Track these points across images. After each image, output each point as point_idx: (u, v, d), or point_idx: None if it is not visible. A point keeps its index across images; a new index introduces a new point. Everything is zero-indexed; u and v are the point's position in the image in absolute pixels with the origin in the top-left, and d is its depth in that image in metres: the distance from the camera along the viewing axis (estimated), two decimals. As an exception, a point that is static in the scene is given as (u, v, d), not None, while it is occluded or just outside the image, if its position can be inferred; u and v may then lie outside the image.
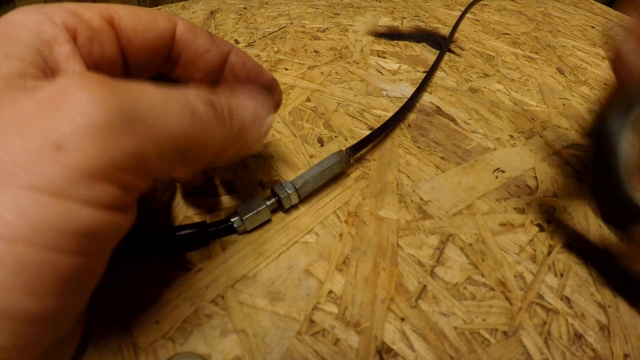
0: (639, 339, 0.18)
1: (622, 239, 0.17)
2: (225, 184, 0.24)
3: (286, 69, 0.34)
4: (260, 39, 0.40)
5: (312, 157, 0.26)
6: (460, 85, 0.35)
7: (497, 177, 0.25)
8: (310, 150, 0.26)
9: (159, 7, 0.49)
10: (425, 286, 0.19)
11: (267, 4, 0.49)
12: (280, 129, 0.28)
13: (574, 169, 0.26)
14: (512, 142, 0.29)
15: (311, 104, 0.31)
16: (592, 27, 0.53)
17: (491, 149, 0.28)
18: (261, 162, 0.25)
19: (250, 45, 0.38)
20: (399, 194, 0.24)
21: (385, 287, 0.19)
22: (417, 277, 0.20)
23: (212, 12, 0.46)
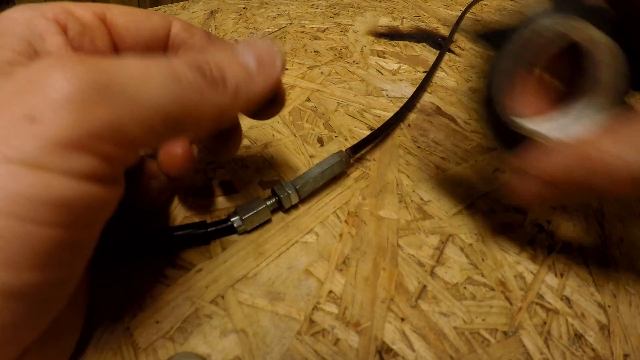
0: (639, 339, 0.18)
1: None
2: (225, 184, 0.24)
3: (286, 69, 0.34)
4: (260, 39, 0.40)
5: (312, 157, 0.26)
6: (460, 85, 0.35)
7: (497, 177, 0.25)
8: (310, 150, 0.26)
9: (159, 7, 0.49)
10: (425, 286, 0.19)
11: (267, 4, 0.50)
12: (280, 129, 0.28)
13: (574, 169, 0.26)
14: (512, 142, 0.29)
15: (311, 104, 0.31)
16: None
17: (491, 149, 0.28)
18: (261, 162, 0.25)
19: (250, 45, 0.38)
20: (399, 194, 0.24)
21: (385, 287, 0.19)
22: (417, 277, 0.20)
23: (212, 12, 0.46)
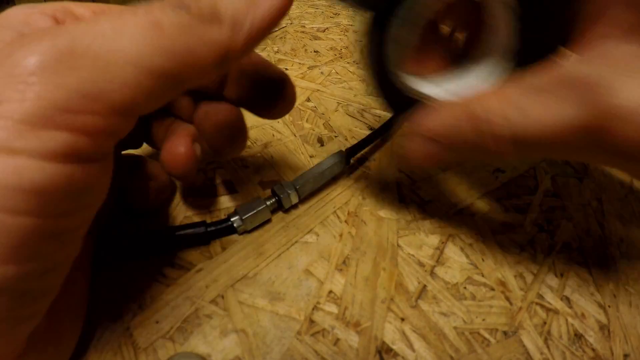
0: (639, 339, 0.18)
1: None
2: (225, 184, 0.24)
3: (286, 69, 0.34)
4: None
5: (312, 157, 0.26)
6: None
7: (497, 177, 0.25)
8: (310, 150, 0.26)
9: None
10: (425, 286, 0.19)
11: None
12: (280, 129, 0.28)
13: (574, 169, 0.26)
14: (512, 142, 0.29)
15: (311, 104, 0.31)
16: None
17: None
18: (261, 162, 0.25)
19: (250, 45, 0.38)
20: (399, 194, 0.24)
21: (385, 287, 0.19)
22: (417, 277, 0.20)
23: (212, 12, 0.46)
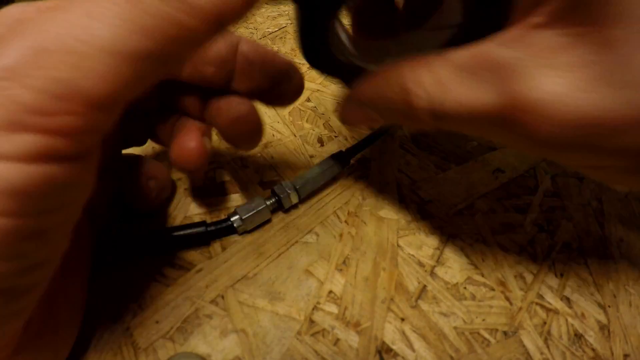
0: (639, 339, 0.18)
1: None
2: (225, 184, 0.24)
3: (286, 69, 0.34)
4: (260, 39, 0.40)
5: (312, 157, 0.26)
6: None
7: (497, 177, 0.25)
8: (310, 150, 0.26)
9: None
10: (425, 286, 0.19)
11: (267, 3, 0.50)
12: (280, 129, 0.28)
13: (574, 169, 0.26)
14: (512, 142, 0.29)
15: (311, 104, 0.31)
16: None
17: (491, 149, 0.28)
18: (261, 162, 0.25)
19: (250, 45, 0.38)
20: (399, 194, 0.24)
21: (385, 287, 0.19)
22: (417, 277, 0.20)
23: (212, 12, 0.46)
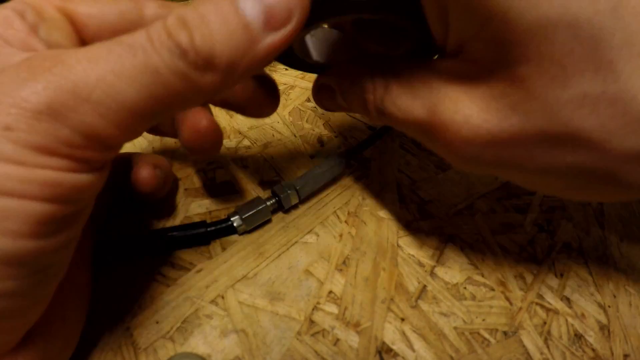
0: (639, 339, 0.18)
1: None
2: (225, 184, 0.24)
3: (286, 69, 0.34)
4: None
5: (312, 157, 0.26)
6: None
7: (497, 177, 0.25)
8: (310, 150, 0.26)
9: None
10: (425, 286, 0.19)
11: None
12: (280, 129, 0.28)
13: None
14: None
15: (311, 104, 0.31)
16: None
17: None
18: (261, 162, 0.25)
19: (250, 45, 0.38)
20: (399, 194, 0.24)
21: (385, 287, 0.19)
22: (417, 277, 0.20)
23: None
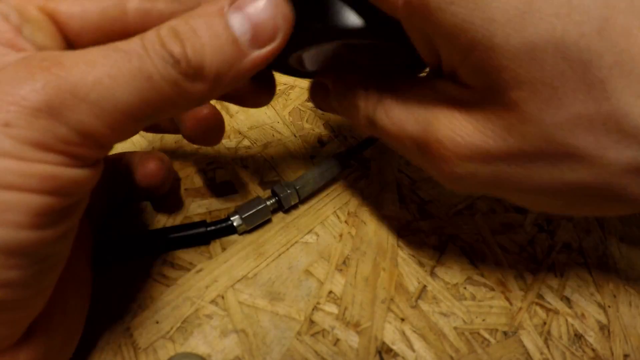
0: (639, 339, 0.18)
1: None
2: (225, 184, 0.24)
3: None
4: None
5: (312, 157, 0.26)
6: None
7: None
8: (310, 150, 0.26)
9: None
10: (425, 286, 0.19)
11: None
12: (280, 129, 0.28)
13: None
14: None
15: (311, 104, 0.31)
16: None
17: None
18: (261, 162, 0.25)
19: (250, 45, 0.38)
20: (399, 194, 0.24)
21: (385, 287, 0.19)
22: (417, 277, 0.20)
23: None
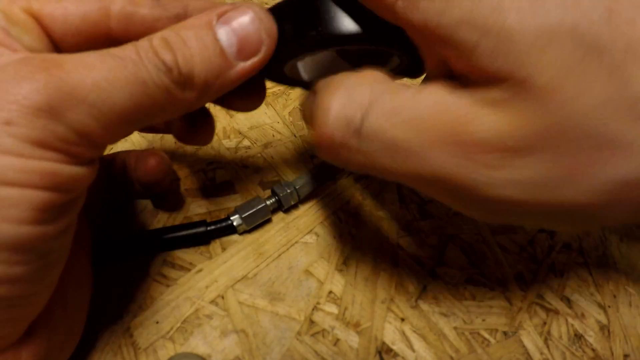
0: (639, 339, 0.18)
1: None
2: (225, 184, 0.24)
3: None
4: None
5: (312, 157, 0.26)
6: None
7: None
8: (310, 150, 0.26)
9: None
10: (425, 286, 0.19)
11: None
12: (280, 129, 0.28)
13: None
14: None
15: (311, 104, 0.31)
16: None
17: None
18: (261, 162, 0.25)
19: (250, 45, 0.38)
20: (399, 194, 0.24)
21: (385, 287, 0.19)
22: (417, 277, 0.20)
23: (212, 12, 0.46)
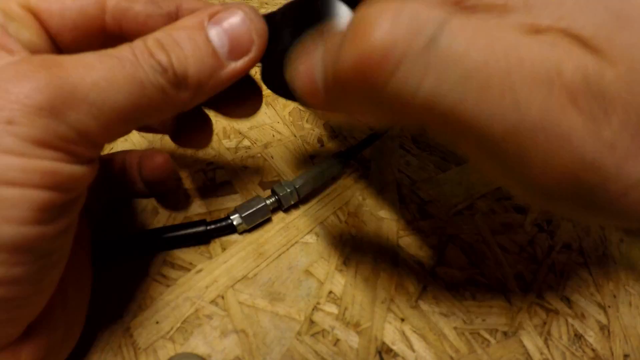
0: (639, 339, 0.18)
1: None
2: (225, 184, 0.24)
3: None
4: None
5: (312, 157, 0.26)
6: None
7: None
8: (310, 150, 0.26)
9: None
10: (425, 286, 0.19)
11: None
12: (280, 129, 0.28)
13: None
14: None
15: (311, 104, 0.31)
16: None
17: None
18: (261, 162, 0.25)
19: (250, 45, 0.38)
20: (399, 194, 0.24)
21: (385, 287, 0.19)
22: (417, 277, 0.20)
23: (212, 12, 0.46)
